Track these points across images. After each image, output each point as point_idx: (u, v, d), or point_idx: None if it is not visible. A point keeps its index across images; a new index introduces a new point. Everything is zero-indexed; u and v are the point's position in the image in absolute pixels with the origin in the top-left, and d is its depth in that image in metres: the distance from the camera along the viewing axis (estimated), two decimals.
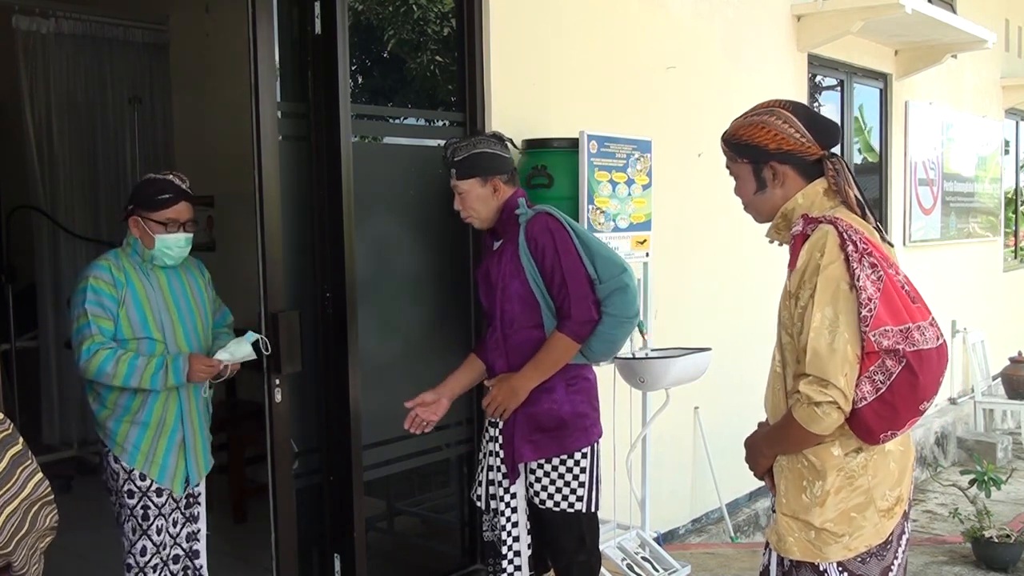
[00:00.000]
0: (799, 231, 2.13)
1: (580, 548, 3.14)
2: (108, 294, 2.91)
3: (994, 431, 8.95)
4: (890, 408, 2.02)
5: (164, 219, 2.95)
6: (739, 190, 2.32)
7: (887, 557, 2.18)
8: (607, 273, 2.99)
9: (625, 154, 4.06)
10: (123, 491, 3.00)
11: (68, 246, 5.62)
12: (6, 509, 1.54)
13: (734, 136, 2.28)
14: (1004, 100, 9.64)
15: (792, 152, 2.20)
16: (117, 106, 5.77)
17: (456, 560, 4.17)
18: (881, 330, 2.00)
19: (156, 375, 2.90)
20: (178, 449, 3.04)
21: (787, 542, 2.19)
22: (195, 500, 3.16)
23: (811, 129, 2.20)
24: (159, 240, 2.96)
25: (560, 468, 3.08)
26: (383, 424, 3.71)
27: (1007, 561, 4.70)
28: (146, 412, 2.98)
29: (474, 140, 3.11)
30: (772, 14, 6.04)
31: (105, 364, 2.87)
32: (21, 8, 5.35)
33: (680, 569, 4.24)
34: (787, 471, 2.21)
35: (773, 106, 2.25)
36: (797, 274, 2.10)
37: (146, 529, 3.00)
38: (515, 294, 3.02)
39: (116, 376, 2.87)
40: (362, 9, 3.83)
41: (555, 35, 4.36)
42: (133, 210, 2.98)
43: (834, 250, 2.05)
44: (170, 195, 2.96)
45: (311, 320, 3.48)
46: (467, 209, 3.12)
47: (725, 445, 5.32)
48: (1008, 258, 10.31)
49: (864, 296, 2.01)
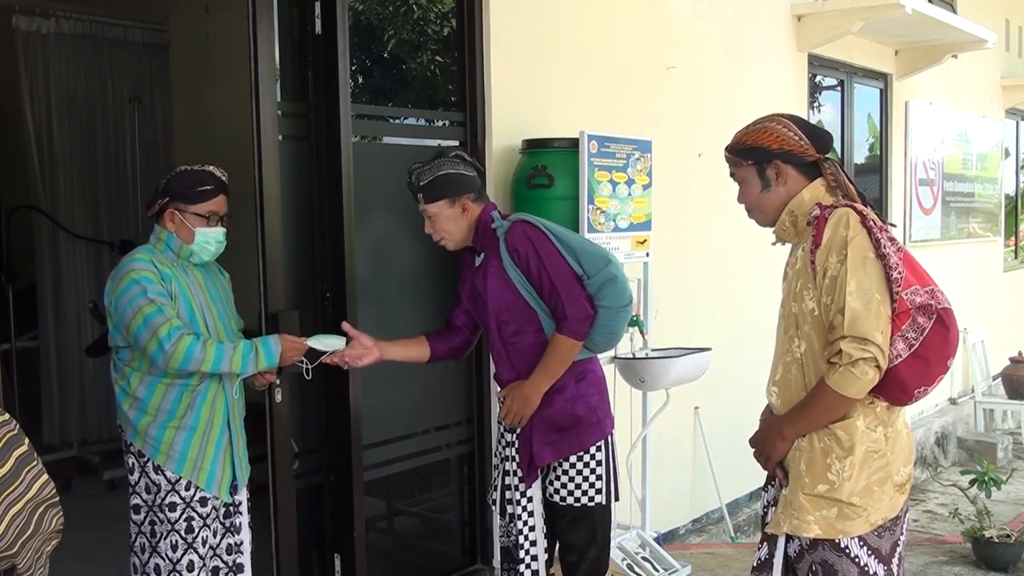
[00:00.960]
0: (818, 214, 2.30)
1: (592, 543, 3.14)
2: (157, 284, 2.70)
3: (994, 431, 8.95)
4: (923, 363, 2.22)
5: (205, 212, 2.78)
6: (744, 194, 2.48)
7: (896, 532, 2.34)
8: (593, 267, 3.00)
9: (625, 154, 4.06)
10: (163, 504, 2.77)
11: (68, 246, 5.62)
12: (11, 510, 1.53)
13: (739, 142, 2.47)
14: (1004, 100, 9.64)
15: (793, 152, 2.38)
16: (117, 106, 5.77)
17: (456, 560, 4.17)
18: (912, 289, 2.22)
19: (247, 358, 2.71)
20: (225, 454, 2.86)
21: (807, 522, 2.28)
22: (236, 510, 2.94)
23: (808, 135, 2.40)
24: (200, 234, 2.79)
25: (578, 464, 3.10)
26: (383, 424, 3.71)
27: (1007, 561, 4.70)
28: (194, 416, 2.78)
29: (437, 163, 3.06)
30: (772, 14, 6.04)
31: (192, 349, 2.63)
32: (21, 8, 5.34)
33: (680, 569, 4.24)
34: (807, 452, 2.31)
35: (773, 115, 2.46)
36: (824, 249, 2.26)
37: (191, 543, 2.79)
38: (508, 305, 3.03)
39: (205, 361, 2.65)
40: (362, 9, 3.83)
41: (555, 35, 4.36)
42: (168, 203, 2.79)
43: (857, 225, 2.24)
44: (211, 186, 2.80)
45: (311, 320, 3.48)
46: (439, 232, 3.08)
47: (725, 445, 5.32)
48: (1008, 258, 10.31)
49: (891, 261, 2.21)
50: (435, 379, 3.96)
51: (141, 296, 2.65)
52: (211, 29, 5.50)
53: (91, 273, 5.67)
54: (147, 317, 2.64)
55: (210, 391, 2.81)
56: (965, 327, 8.69)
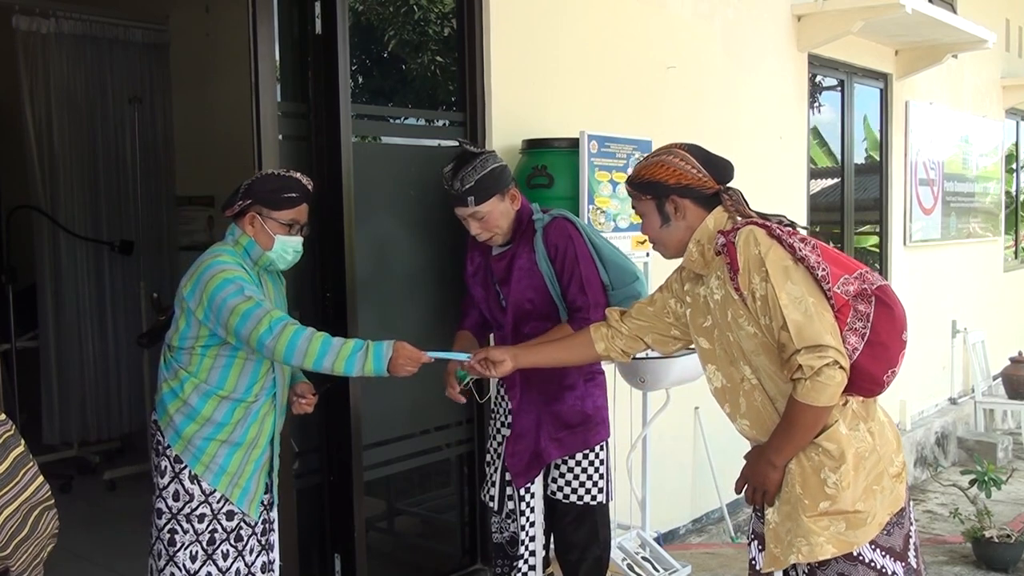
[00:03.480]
0: (724, 241, 2.26)
1: (594, 542, 3.16)
2: (252, 285, 2.59)
3: (994, 431, 8.94)
4: (881, 347, 2.19)
5: (288, 219, 2.67)
6: (645, 227, 2.46)
7: (905, 524, 2.30)
8: (620, 280, 3.03)
9: (625, 154, 4.06)
10: (192, 515, 2.66)
11: (68, 246, 5.61)
12: (6, 510, 1.52)
13: (637, 176, 2.43)
14: (1004, 100, 9.64)
15: (690, 186, 2.35)
16: (117, 106, 5.76)
17: (456, 560, 4.17)
18: (842, 280, 2.20)
19: (352, 358, 2.52)
20: (263, 471, 2.76)
21: (819, 544, 2.21)
22: (271, 527, 2.86)
23: (707, 166, 2.37)
24: (280, 242, 2.67)
25: (583, 463, 3.12)
26: (383, 424, 3.71)
27: (1007, 561, 4.70)
28: (243, 431, 2.67)
29: (478, 162, 2.96)
30: (772, 14, 6.04)
31: (296, 338, 2.49)
32: (21, 8, 5.34)
33: (680, 569, 4.24)
34: (798, 474, 2.24)
35: (671, 147, 2.42)
36: (744, 273, 2.23)
37: (211, 554, 2.68)
38: (532, 297, 3.01)
39: (309, 354, 2.50)
40: (362, 9, 3.83)
41: (555, 35, 4.36)
42: (250, 206, 2.67)
43: (765, 239, 2.22)
44: (297, 194, 2.69)
45: (311, 320, 3.47)
46: (491, 229, 3.00)
47: (725, 445, 5.30)
48: (1008, 258, 10.31)
49: (812, 261, 2.19)
50: (435, 379, 3.95)
51: (238, 294, 2.53)
52: (211, 29, 5.49)
53: (91, 273, 5.67)
54: (247, 312, 2.51)
55: (262, 409, 2.71)
56: (965, 327, 8.70)
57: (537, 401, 3.08)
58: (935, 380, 8.37)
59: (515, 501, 3.14)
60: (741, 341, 2.28)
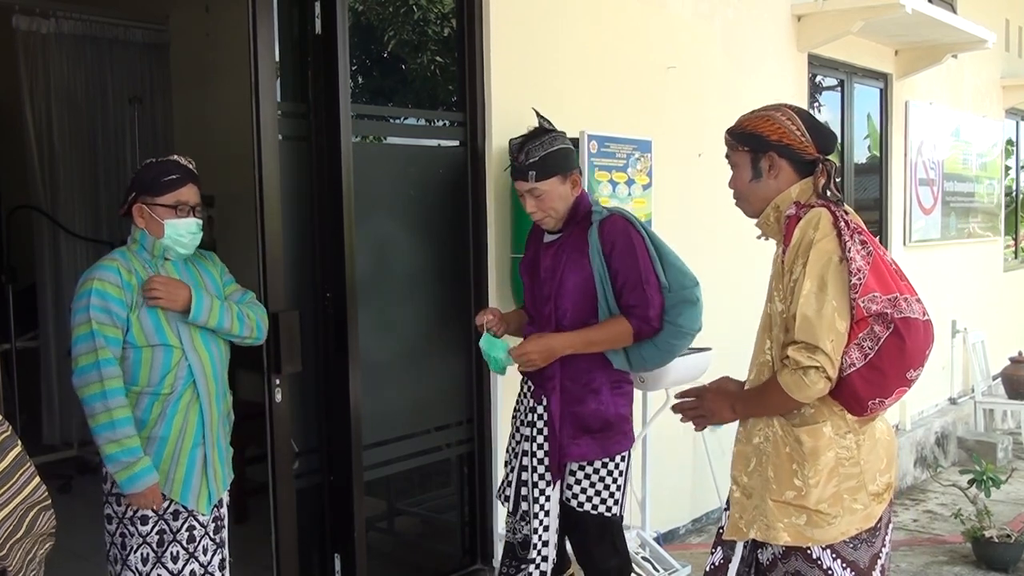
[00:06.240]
0: (792, 213, 2.24)
1: (613, 553, 3.12)
2: (116, 298, 2.60)
3: (994, 431, 8.94)
4: (879, 374, 2.11)
5: (172, 202, 2.67)
6: (734, 180, 2.40)
7: (876, 544, 2.25)
8: (677, 283, 2.99)
9: (625, 154, 4.06)
10: (135, 517, 2.67)
11: (68, 246, 5.62)
12: (3, 511, 1.52)
13: (739, 126, 2.38)
14: (1004, 100, 9.63)
15: (791, 147, 2.29)
16: (117, 106, 5.77)
17: (456, 560, 4.17)
18: (870, 296, 2.10)
19: (118, 459, 2.58)
20: (201, 467, 2.74)
21: (776, 528, 2.23)
22: (222, 523, 2.85)
23: (811, 131, 2.30)
24: (169, 226, 2.68)
25: (601, 471, 3.06)
26: (383, 424, 3.71)
27: (1007, 561, 4.70)
28: (165, 425, 2.67)
29: (548, 138, 2.98)
30: (772, 14, 6.04)
31: (94, 399, 2.57)
32: (21, 8, 5.35)
33: (680, 569, 4.24)
34: (773, 457, 2.25)
35: (781, 105, 2.37)
36: (792, 250, 2.20)
37: (160, 556, 2.67)
38: (577, 289, 2.97)
39: (96, 419, 2.57)
40: (362, 9, 3.83)
41: (555, 35, 4.36)
42: (135, 198, 2.70)
43: (827, 227, 2.16)
44: (176, 175, 2.69)
45: (311, 320, 3.48)
46: (546, 209, 2.98)
47: (725, 445, 5.29)
48: (1008, 258, 10.31)
49: (854, 267, 2.12)
50: (435, 379, 3.96)
51: (86, 311, 2.59)
52: (211, 29, 5.50)
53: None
54: (80, 336, 2.60)
55: (183, 400, 2.70)
56: (965, 327, 8.70)
57: (565, 401, 3.04)
58: (935, 380, 8.36)
59: (529, 503, 3.11)
60: (772, 316, 2.28)
